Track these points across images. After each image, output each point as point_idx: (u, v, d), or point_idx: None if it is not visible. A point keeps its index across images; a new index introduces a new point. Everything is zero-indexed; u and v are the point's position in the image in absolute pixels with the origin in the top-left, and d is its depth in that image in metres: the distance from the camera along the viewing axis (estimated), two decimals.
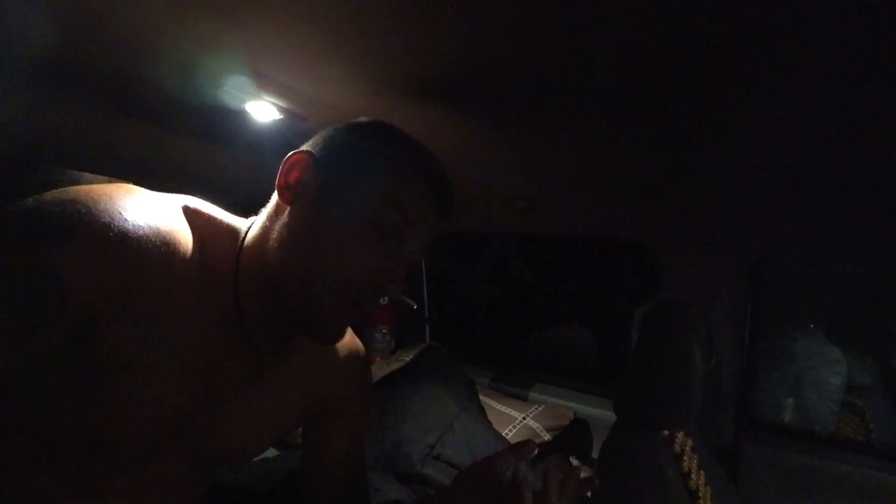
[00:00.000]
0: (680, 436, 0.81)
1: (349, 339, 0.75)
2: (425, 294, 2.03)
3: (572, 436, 1.46)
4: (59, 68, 0.73)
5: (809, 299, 1.84)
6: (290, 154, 0.57)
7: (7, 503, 0.51)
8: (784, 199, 1.03)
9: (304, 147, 0.59)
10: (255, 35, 0.64)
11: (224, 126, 0.92)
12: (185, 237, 0.52)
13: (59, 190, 0.47)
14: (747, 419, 1.32)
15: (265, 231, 0.57)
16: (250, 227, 0.60)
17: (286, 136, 0.94)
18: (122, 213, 0.47)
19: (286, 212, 0.56)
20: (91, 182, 1.13)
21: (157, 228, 0.49)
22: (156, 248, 0.48)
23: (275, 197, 0.58)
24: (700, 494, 0.77)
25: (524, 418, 1.50)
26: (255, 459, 1.18)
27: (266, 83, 0.80)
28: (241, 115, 0.87)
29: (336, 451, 0.74)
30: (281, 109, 0.86)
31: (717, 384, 1.25)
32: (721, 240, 1.24)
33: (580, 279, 2.21)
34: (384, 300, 0.58)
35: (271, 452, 1.31)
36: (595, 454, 1.48)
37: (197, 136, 0.99)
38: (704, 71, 0.57)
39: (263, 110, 0.86)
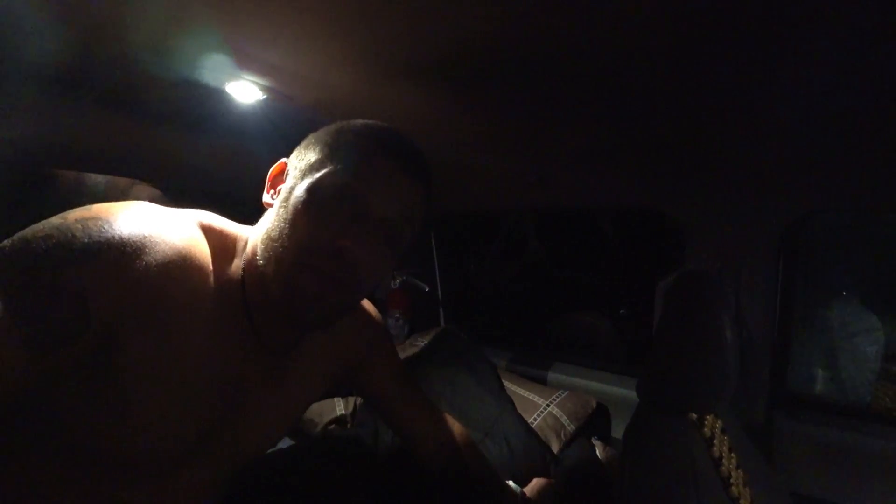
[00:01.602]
0: (709, 418, 0.75)
1: (363, 314, 0.80)
2: (438, 277, 1.99)
3: (593, 419, 1.42)
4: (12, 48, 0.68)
5: (843, 265, 1.74)
6: (272, 167, 0.62)
7: None
8: (818, 157, 0.94)
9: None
10: (233, 8, 0.59)
11: (203, 109, 0.87)
12: (201, 252, 0.55)
13: (83, 208, 0.50)
14: (780, 394, 1.25)
15: (256, 238, 0.60)
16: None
17: (271, 118, 0.89)
18: (140, 231, 0.49)
19: (268, 215, 0.60)
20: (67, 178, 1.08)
21: (175, 245, 0.51)
22: (173, 265, 0.51)
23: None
24: (732, 480, 0.71)
25: (548, 405, 1.47)
26: (272, 451, 1.18)
27: (247, 61, 0.75)
28: (220, 97, 0.82)
29: (384, 387, 0.82)
30: (264, 89, 0.81)
31: (747, 358, 1.18)
32: (748, 205, 1.15)
33: (595, 255, 2.14)
34: (395, 283, 0.60)
35: (286, 442, 1.30)
36: (614, 433, 1.44)
37: (174, 121, 0.94)
38: (725, 13, 0.50)
39: (245, 90, 0.81)
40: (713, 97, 0.72)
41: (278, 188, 0.60)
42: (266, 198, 0.61)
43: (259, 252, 0.57)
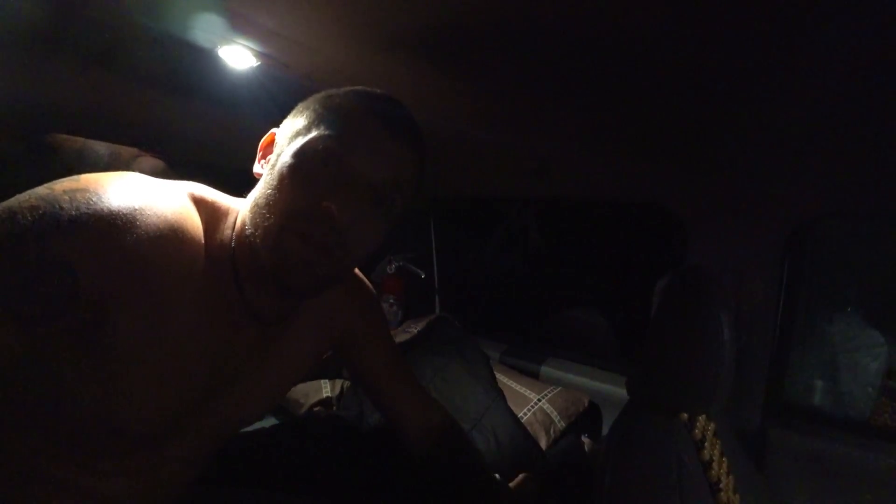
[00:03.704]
0: (701, 420, 0.72)
1: (356, 283, 0.79)
2: (435, 264, 1.96)
3: (584, 416, 1.40)
4: None
5: (851, 274, 1.70)
6: (263, 138, 0.61)
7: (25, 487, 0.52)
8: (829, 159, 0.90)
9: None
10: None
11: (193, 73, 0.84)
12: (193, 224, 0.54)
13: (70, 178, 0.48)
14: (776, 403, 1.22)
15: (246, 208, 0.59)
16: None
17: (266, 86, 0.86)
18: (130, 202, 0.48)
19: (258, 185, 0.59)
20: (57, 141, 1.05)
21: (165, 217, 0.50)
22: (164, 237, 0.50)
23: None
24: (721, 486, 0.68)
25: (539, 400, 1.45)
26: (255, 429, 1.17)
27: (242, 23, 0.72)
28: (212, 61, 0.79)
29: (375, 366, 0.81)
30: (258, 55, 0.78)
31: (744, 363, 1.15)
32: (755, 205, 1.11)
33: (597, 250, 2.10)
34: (391, 268, 0.59)
35: (269, 421, 1.29)
36: (605, 432, 1.42)
37: (162, 84, 0.90)
38: (738, 7, 0.47)
39: (238, 56, 0.78)
40: (723, 90, 0.69)
41: (268, 158, 0.59)
42: (257, 168, 0.61)
43: (247, 221, 0.57)
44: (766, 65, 0.59)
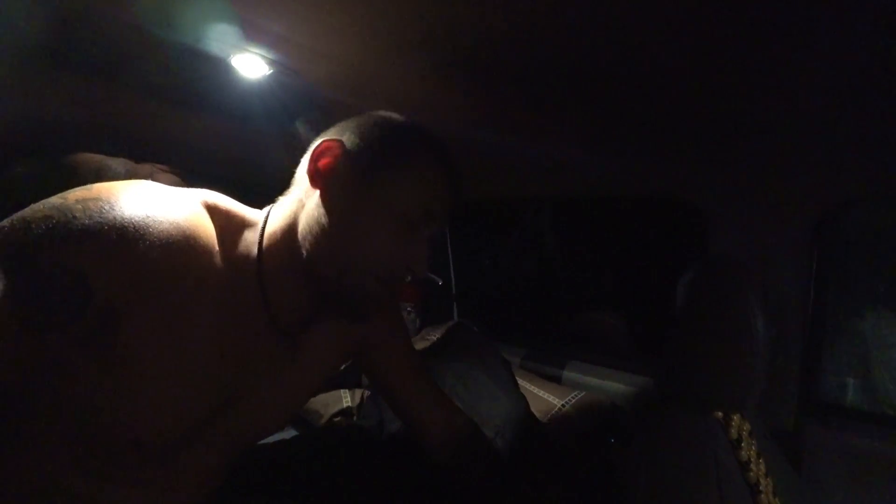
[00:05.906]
0: (736, 419, 0.69)
1: None
2: (452, 270, 1.95)
3: (610, 421, 1.37)
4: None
5: (882, 264, 1.64)
6: (321, 140, 0.59)
7: (39, 497, 0.52)
8: (859, 139, 0.86)
9: (332, 135, 0.61)
10: None
11: (206, 84, 0.85)
12: (206, 232, 0.54)
13: (83, 188, 0.49)
14: (812, 400, 1.17)
15: (293, 217, 0.59)
16: (268, 215, 0.62)
17: (278, 94, 0.86)
18: (143, 210, 0.49)
19: (315, 198, 0.58)
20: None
21: (178, 224, 0.51)
22: (176, 244, 0.50)
23: (300, 184, 0.61)
24: (761, 488, 0.65)
25: (563, 406, 1.42)
26: (275, 440, 1.17)
27: (253, 32, 0.72)
28: (225, 71, 0.80)
29: (395, 371, 0.80)
30: (270, 63, 0.78)
31: (777, 359, 1.11)
32: (779, 192, 1.07)
33: (614, 251, 2.06)
34: (407, 276, 0.61)
35: (289, 432, 1.28)
36: (631, 435, 1.38)
37: (177, 100, 0.91)
38: None
39: (251, 64, 0.78)
40: (740, 71, 0.66)
41: (331, 169, 0.58)
42: (313, 176, 0.59)
43: (306, 242, 0.57)
44: (786, 41, 0.57)
